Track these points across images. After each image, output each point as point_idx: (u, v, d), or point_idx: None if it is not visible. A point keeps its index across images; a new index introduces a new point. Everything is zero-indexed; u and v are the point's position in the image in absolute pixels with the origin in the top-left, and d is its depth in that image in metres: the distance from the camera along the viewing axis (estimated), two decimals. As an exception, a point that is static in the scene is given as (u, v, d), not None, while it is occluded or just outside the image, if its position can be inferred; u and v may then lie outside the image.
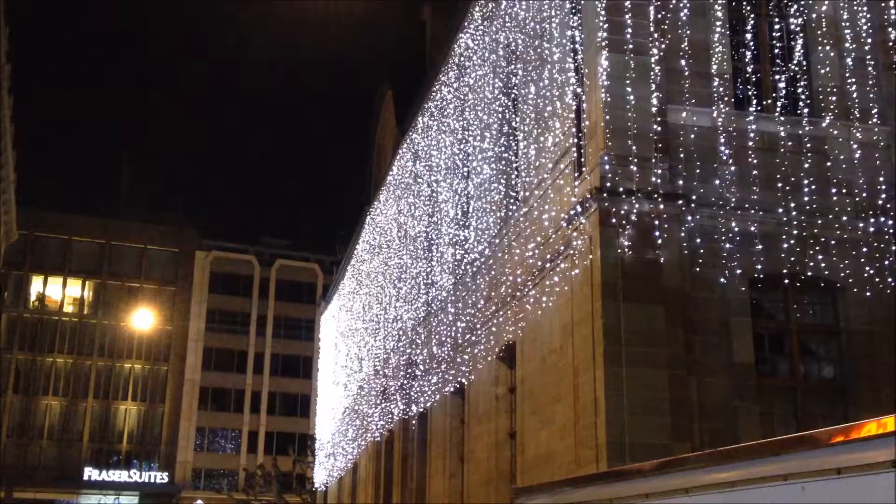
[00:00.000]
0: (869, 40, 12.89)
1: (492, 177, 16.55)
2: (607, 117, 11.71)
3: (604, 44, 11.99)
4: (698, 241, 11.49)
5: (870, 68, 12.75)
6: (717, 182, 11.82)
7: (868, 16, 12.98)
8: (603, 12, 12.13)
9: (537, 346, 13.59)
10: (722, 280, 11.40)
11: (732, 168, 11.90)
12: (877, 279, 11.68)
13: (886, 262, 11.77)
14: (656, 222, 11.36)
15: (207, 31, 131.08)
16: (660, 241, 11.30)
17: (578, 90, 12.74)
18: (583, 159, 12.38)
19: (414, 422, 22.03)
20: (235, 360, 74.86)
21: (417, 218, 22.51)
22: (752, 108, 12.36)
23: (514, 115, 15.77)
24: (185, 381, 71.58)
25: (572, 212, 12.10)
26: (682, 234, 11.47)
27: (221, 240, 77.55)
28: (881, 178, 12.18)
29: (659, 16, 12.31)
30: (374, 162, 34.55)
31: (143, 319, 60.82)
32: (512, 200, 15.39)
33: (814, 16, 12.96)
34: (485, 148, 17.12)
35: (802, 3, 13.06)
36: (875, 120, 12.52)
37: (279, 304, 76.41)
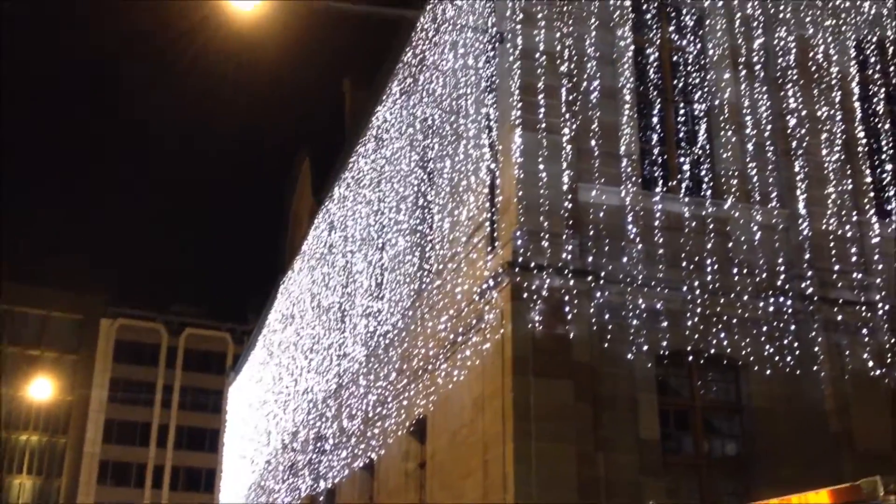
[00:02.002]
0: (769, 127, 13.50)
1: (406, 249, 16.59)
2: (520, 193, 11.91)
3: (517, 122, 12.27)
4: (607, 316, 11.66)
5: (769, 154, 13.34)
6: (625, 259, 12.08)
7: (768, 104, 13.61)
8: (517, 92, 12.44)
9: (448, 420, 13.49)
10: (629, 356, 11.57)
11: (640, 246, 12.19)
12: (776, 357, 12.02)
13: (785, 341, 12.13)
14: (566, 298, 11.51)
15: (120, 92, 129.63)
16: (570, 317, 11.44)
17: (492, 166, 12.97)
18: (496, 234, 12.53)
19: (322, 498, 21.49)
20: (138, 433, 72.23)
21: (331, 288, 22.34)
22: (658, 189, 12.75)
23: (429, 189, 15.92)
24: (85, 455, 68.64)
25: (485, 286, 12.19)
26: (592, 310, 11.64)
27: (129, 307, 75.45)
28: (780, 260, 12.64)
29: (571, 97, 12.68)
30: (289, 231, 34.34)
31: (41, 389, 58.32)
32: (426, 273, 15.43)
33: (717, 102, 13.52)
34: (400, 220, 17.20)
35: (706, 89, 13.63)
36: (774, 203, 13.03)
37: (187, 374, 74.38)
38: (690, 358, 11.87)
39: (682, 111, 13.56)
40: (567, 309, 11.45)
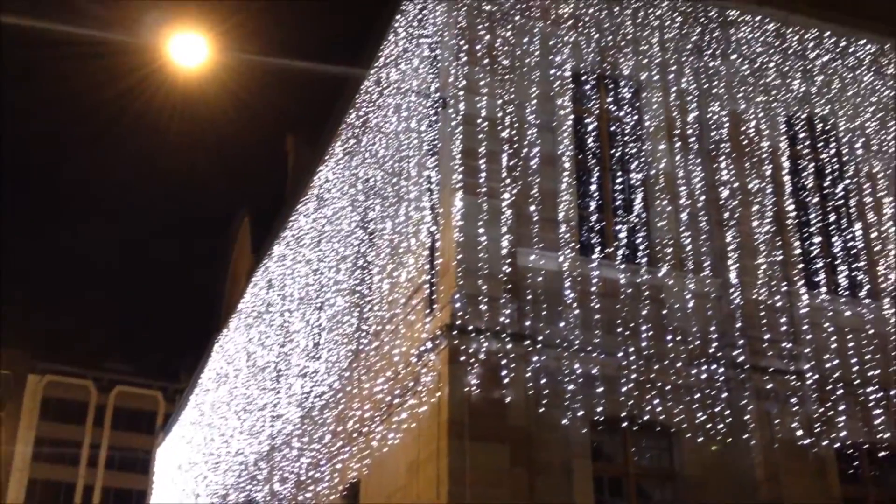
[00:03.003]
0: (702, 198, 13.83)
1: (345, 309, 16.50)
2: (459, 256, 11.98)
3: (458, 186, 12.39)
4: (543, 381, 11.68)
5: (702, 224, 13.64)
6: (562, 324, 12.16)
7: (702, 175, 13.97)
8: (458, 156, 12.59)
9: (382, 484, 13.30)
10: (565, 421, 11.57)
11: (576, 311, 12.29)
12: (709, 425, 12.14)
13: (717, 409, 12.28)
14: (503, 362, 11.52)
15: (60, 151, 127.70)
16: (506, 381, 11.43)
17: (433, 229, 13.04)
18: (434, 297, 12.55)
19: (251, 563, 20.89)
20: (62, 494, 69.57)
21: (267, 347, 22.04)
22: (595, 255, 12.92)
23: (369, 249, 15.92)
24: (4, 516, 65.81)
25: (422, 348, 12.15)
26: (528, 375, 11.65)
27: (59, 363, 73.26)
28: (712, 328, 12.85)
29: (511, 163, 12.87)
30: (227, 289, 33.90)
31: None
32: (364, 334, 15.33)
33: (653, 172, 13.84)
34: (339, 280, 17.13)
35: (643, 159, 13.96)
36: (707, 272, 13.29)
37: (115, 434, 72.17)
38: (625, 424, 11.92)
39: (619, 180, 13.84)
40: (504, 373, 11.45)
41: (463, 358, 11.36)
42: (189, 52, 12.15)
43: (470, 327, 11.53)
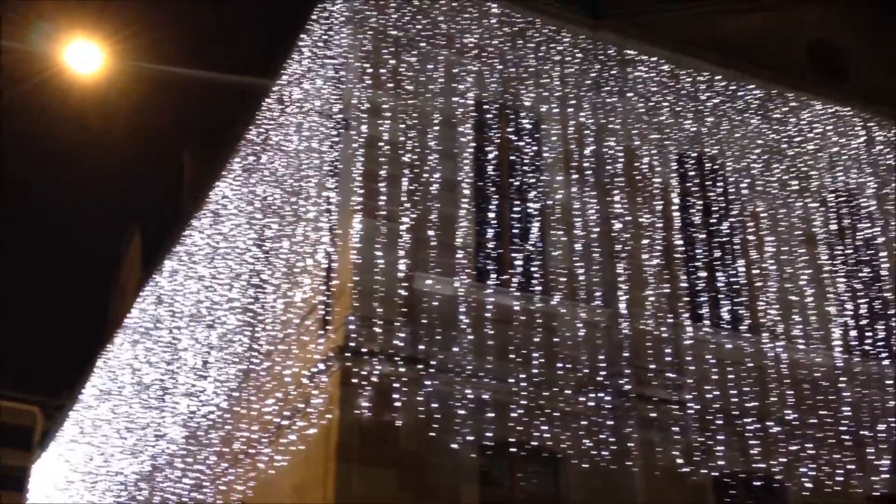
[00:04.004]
0: (596, 229, 14.16)
1: (236, 328, 16.21)
2: (356, 279, 11.94)
3: (357, 208, 12.38)
4: (435, 405, 11.71)
5: (595, 254, 13.95)
6: (456, 349, 12.23)
7: (596, 207, 14.32)
8: (359, 178, 12.59)
9: (267, 507, 13.06)
10: (454, 446, 11.61)
11: (470, 337, 12.38)
12: (593, 452, 12.38)
13: (602, 436, 12.53)
14: (396, 385, 11.51)
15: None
16: (398, 405, 11.42)
17: (330, 250, 12.98)
18: (329, 318, 12.46)
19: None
20: (-75, 513, 65.73)
21: (153, 365, 21.43)
22: (490, 282, 13.06)
23: (264, 268, 15.71)
24: None
25: (314, 369, 12.03)
26: (420, 399, 11.66)
27: (-73, 375, 69.39)
28: (601, 356, 13.14)
29: (412, 187, 12.94)
30: (114, 303, 32.86)
31: None
32: (255, 354, 15.09)
33: (549, 202, 14.11)
34: (232, 298, 16.83)
35: (540, 190, 14.22)
36: (598, 302, 13.60)
37: (-12, 450, 68.68)
38: (513, 450, 12.04)
39: (516, 208, 14.05)
40: (396, 396, 11.44)
41: (355, 380, 11.30)
42: (84, 59, 11.82)
43: (363, 350, 11.48)
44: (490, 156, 14.13)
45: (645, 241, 14.32)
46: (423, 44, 14.03)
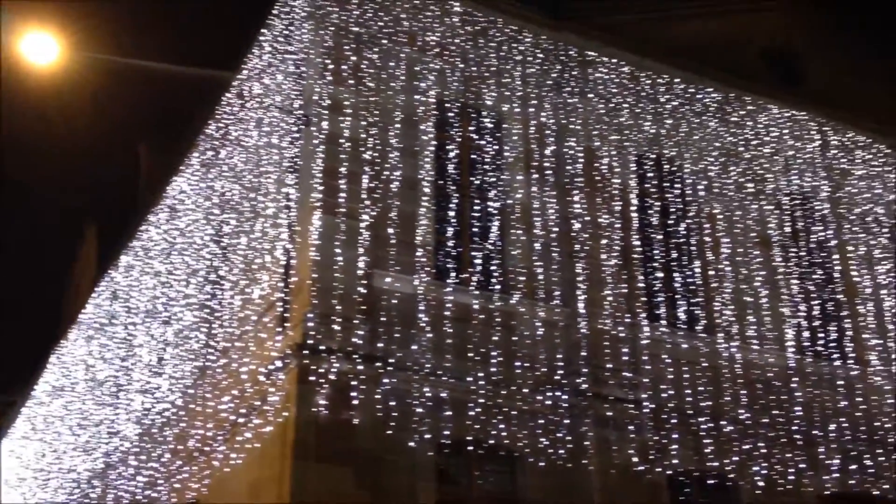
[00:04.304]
0: (555, 229, 14.22)
1: (193, 324, 16.04)
2: (314, 276, 11.88)
3: (317, 205, 12.31)
4: (392, 404, 11.68)
5: (555, 254, 14.01)
6: (414, 347, 12.21)
7: (556, 207, 14.38)
8: (319, 174, 12.52)
9: (222, 505, 12.94)
10: (412, 444, 11.59)
11: (429, 335, 12.38)
12: (550, 450, 12.43)
13: (559, 434, 12.60)
14: (354, 383, 11.47)
15: None
16: (356, 403, 11.38)
17: (289, 246, 12.89)
18: (287, 315, 12.39)
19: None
20: None
21: (108, 361, 21.14)
22: (450, 280, 13.06)
23: (222, 264, 15.56)
24: None
25: (271, 367, 11.95)
26: (378, 397, 11.63)
27: None
28: (559, 355, 13.19)
29: (372, 184, 12.90)
30: (68, 299, 32.34)
31: None
32: (211, 351, 14.94)
33: (510, 202, 14.15)
34: (189, 294, 16.65)
35: (500, 189, 14.25)
36: (557, 301, 13.66)
37: (-66, 448, 67.29)
38: (470, 448, 12.06)
39: (477, 207, 14.06)
40: (354, 394, 11.40)
41: (312, 378, 11.24)
42: (40, 50, 11.61)
43: (321, 347, 11.43)
44: (451, 154, 14.13)
45: (603, 242, 14.42)
46: (384, 41, 13.99)
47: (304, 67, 13.74)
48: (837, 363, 15.66)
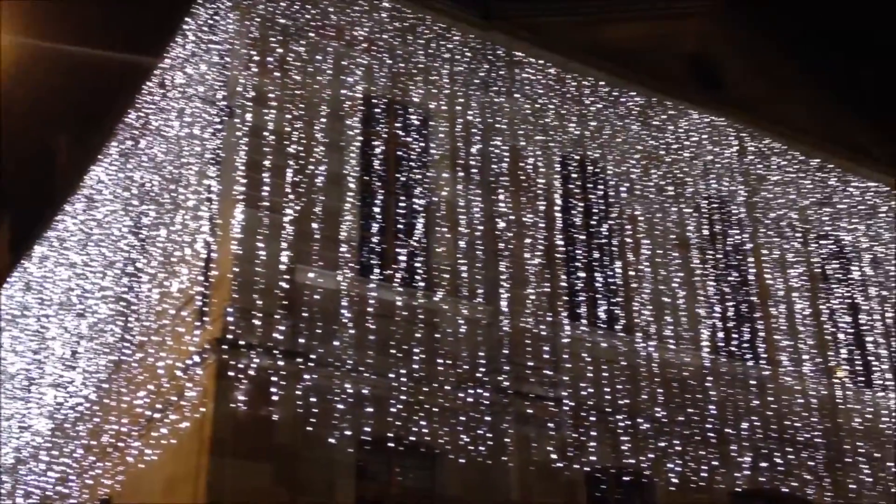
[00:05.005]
0: (480, 227, 14.28)
1: (108, 317, 15.66)
2: (235, 270, 11.71)
3: (239, 198, 12.12)
4: (313, 400, 11.58)
5: (479, 252, 14.07)
6: (336, 343, 12.12)
7: (481, 206, 14.43)
8: (242, 167, 12.33)
9: (135, 501, 12.67)
10: (332, 440, 11.51)
11: (352, 331, 12.30)
12: (470, 447, 12.49)
13: (480, 432, 12.66)
14: (274, 379, 11.34)
15: None
16: (275, 399, 11.25)
17: (210, 240, 12.68)
18: (206, 309, 12.18)
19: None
20: None
21: (19, 353, 20.50)
22: (374, 276, 13.01)
23: (140, 257, 15.22)
24: None
25: (189, 362, 11.74)
26: (298, 393, 11.52)
27: None
28: (481, 353, 13.26)
29: (296, 178, 12.76)
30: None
31: None
32: (127, 344, 14.61)
33: (435, 199, 14.15)
34: (105, 286, 16.25)
35: (426, 186, 14.24)
36: (480, 299, 13.71)
37: None
38: (391, 444, 12.03)
39: (402, 204, 14.03)
40: (273, 390, 11.27)
41: (231, 373, 11.08)
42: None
43: (241, 342, 11.27)
44: (377, 150, 14.06)
45: (527, 241, 14.54)
46: (311, 34, 13.85)
47: (228, 58, 13.53)
48: (750, 363, 16.09)
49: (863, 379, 17.49)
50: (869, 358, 17.74)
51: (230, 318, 11.33)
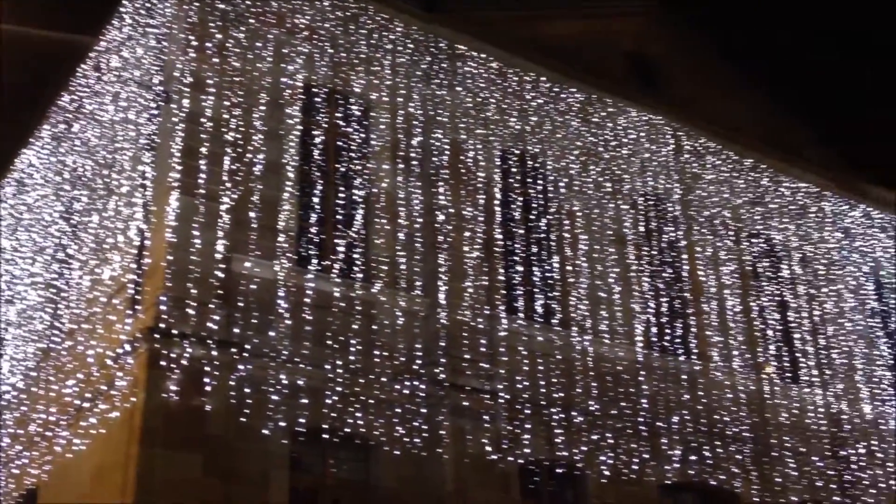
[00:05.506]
0: (420, 219, 14.27)
1: (38, 304, 15.29)
2: (170, 258, 11.52)
3: (175, 185, 11.93)
4: (247, 390, 11.47)
5: (418, 244, 14.06)
6: (273, 334, 12.02)
7: (421, 198, 14.43)
8: (178, 154, 12.13)
9: (63, 492, 12.41)
10: (265, 431, 11.42)
11: (288, 322, 12.20)
12: (406, 439, 12.50)
13: (416, 424, 12.68)
14: (207, 369, 11.20)
15: None
16: (208, 389, 11.12)
17: (143, 226, 12.46)
18: (139, 297, 11.97)
19: None
20: None
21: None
22: (312, 267, 12.91)
23: (71, 243, 14.89)
24: None
25: (120, 350, 11.54)
26: (232, 383, 11.39)
27: None
28: (418, 345, 13.27)
29: (234, 166, 12.59)
30: None
31: None
32: (56, 332, 14.28)
33: (374, 190, 14.10)
34: (35, 272, 15.86)
35: (366, 177, 14.18)
36: (418, 291, 13.72)
37: None
38: (326, 436, 11.98)
39: (341, 195, 13.94)
40: (207, 380, 11.13)
41: (164, 363, 10.91)
42: None
43: (174, 331, 11.10)
44: (317, 140, 13.96)
45: (466, 234, 14.57)
46: (252, 20, 13.68)
47: (165, 42, 13.30)
48: (682, 358, 16.38)
49: (790, 375, 17.94)
50: (796, 354, 18.21)
51: (163, 307, 11.16)
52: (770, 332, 17.97)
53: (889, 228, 21.25)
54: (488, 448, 13.05)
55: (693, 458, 15.34)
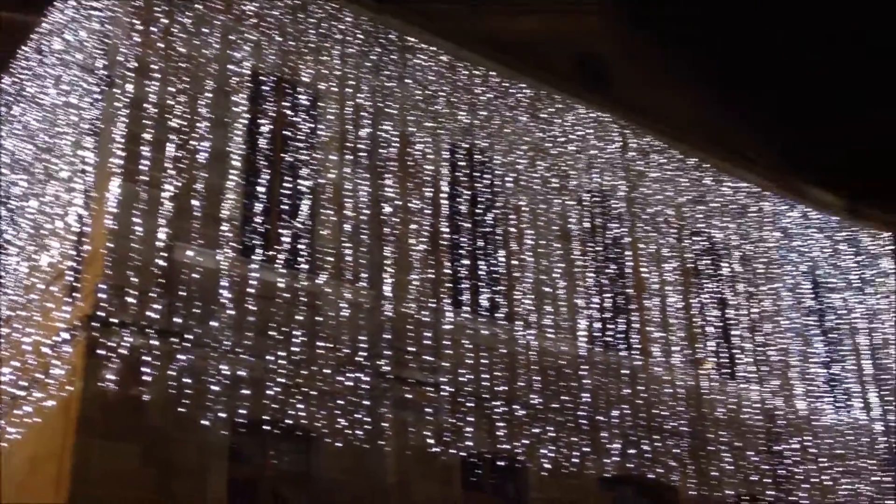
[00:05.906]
0: (366, 211, 14.22)
1: (-28, 291, 14.92)
2: (110, 245, 11.34)
3: (117, 171, 11.74)
4: (187, 381, 11.34)
5: (364, 236, 14.02)
6: (215, 324, 11.90)
7: (368, 190, 14.38)
8: (120, 140, 11.94)
9: (-4, 483, 12.15)
10: (205, 422, 11.31)
11: (230, 312, 12.09)
12: (348, 431, 12.47)
13: (358, 416, 12.66)
14: (147, 358, 11.06)
15: None
16: (147, 378, 10.98)
17: (83, 213, 12.24)
18: (77, 285, 11.76)
19: None
20: None
21: None
22: (256, 257, 12.80)
23: (8, 228, 14.55)
24: None
25: (57, 338, 11.33)
26: (172, 373, 11.26)
27: None
28: (362, 337, 13.24)
29: (178, 153, 12.43)
30: None
31: None
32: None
33: (321, 181, 14.01)
34: (-30, 258, 15.46)
35: (312, 168, 14.08)
36: (364, 283, 13.68)
37: None
38: (266, 427, 11.90)
39: (287, 184, 13.83)
40: (146, 370, 10.99)
41: (102, 352, 10.74)
42: None
43: (113, 320, 10.94)
44: (263, 129, 13.82)
45: (413, 227, 14.58)
46: (198, 5, 13.47)
47: (109, 25, 13.05)
48: (623, 353, 16.60)
49: (728, 371, 18.29)
50: (734, 351, 18.57)
51: (102, 295, 10.98)
52: (709, 329, 18.29)
53: (826, 229, 21.77)
54: (430, 441, 13.10)
55: (632, 451, 15.56)
